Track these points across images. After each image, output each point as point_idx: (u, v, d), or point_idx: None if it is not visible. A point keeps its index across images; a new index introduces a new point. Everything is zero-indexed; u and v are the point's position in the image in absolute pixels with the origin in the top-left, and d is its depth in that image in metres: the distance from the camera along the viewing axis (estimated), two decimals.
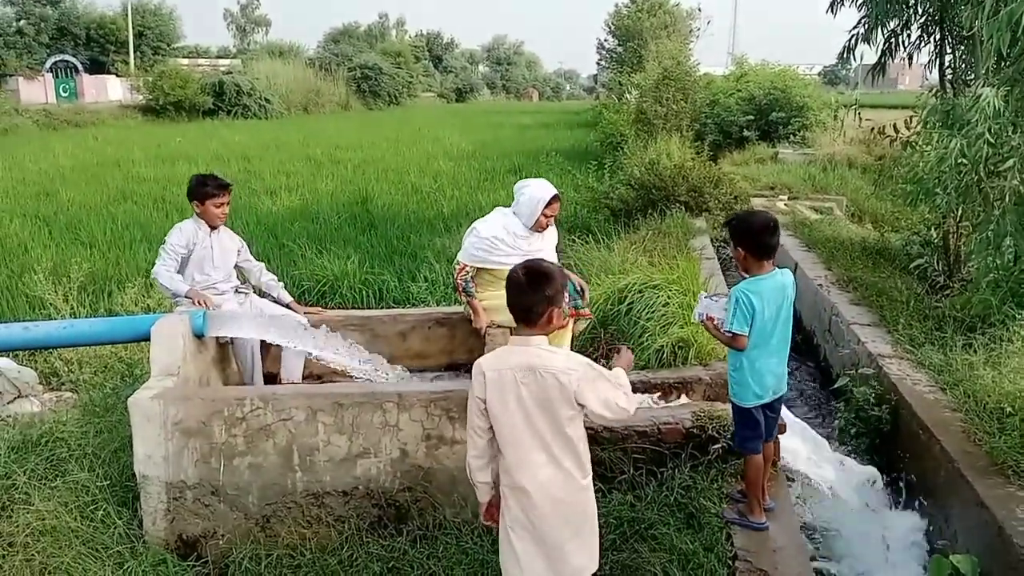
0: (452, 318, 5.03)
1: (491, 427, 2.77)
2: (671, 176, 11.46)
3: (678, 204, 11.04)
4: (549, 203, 4.72)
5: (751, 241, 3.56)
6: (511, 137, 28.10)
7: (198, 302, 4.53)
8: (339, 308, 8.03)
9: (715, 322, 3.67)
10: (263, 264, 5.39)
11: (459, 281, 4.73)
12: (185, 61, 51.68)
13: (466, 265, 4.70)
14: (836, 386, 5.79)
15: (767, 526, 3.67)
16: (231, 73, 44.92)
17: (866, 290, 7.24)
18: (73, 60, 47.03)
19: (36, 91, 42.15)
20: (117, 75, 47.37)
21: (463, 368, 5.04)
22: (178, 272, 4.78)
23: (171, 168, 19.13)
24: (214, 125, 35.88)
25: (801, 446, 4.42)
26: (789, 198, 13.42)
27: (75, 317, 6.84)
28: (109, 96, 45.16)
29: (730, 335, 3.58)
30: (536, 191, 4.75)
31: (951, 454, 4.24)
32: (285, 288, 5.30)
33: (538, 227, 4.77)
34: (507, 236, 4.74)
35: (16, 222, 12.48)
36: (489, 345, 4.54)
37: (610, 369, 2.87)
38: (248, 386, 4.28)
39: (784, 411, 4.70)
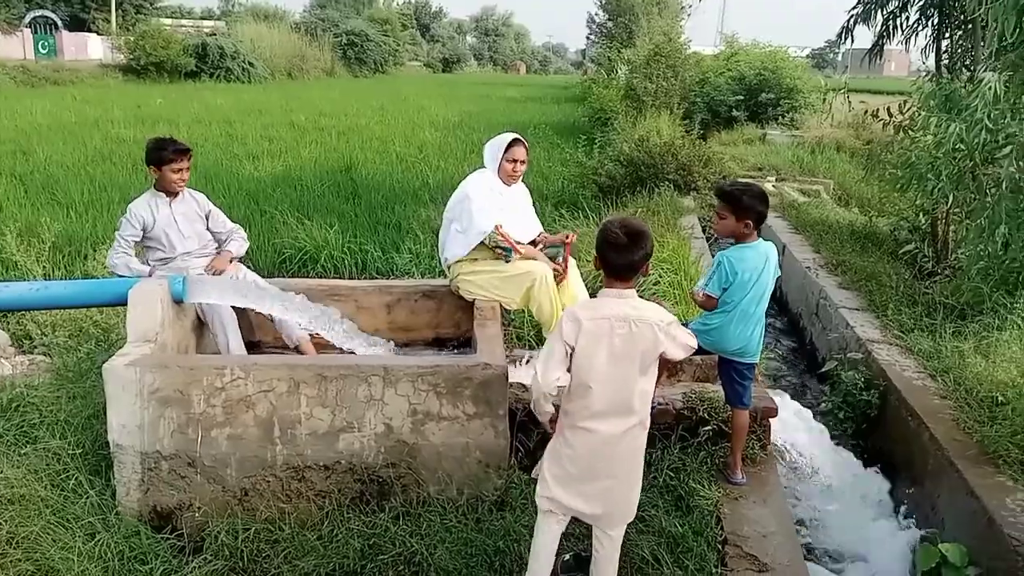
0: (439, 291, 4.91)
1: (568, 371, 2.89)
2: (660, 153, 11.35)
3: (667, 182, 10.94)
4: (510, 146, 4.77)
5: (754, 212, 3.65)
6: (498, 109, 27.82)
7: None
8: (320, 278, 7.92)
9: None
10: (237, 226, 5.17)
11: (501, 238, 4.66)
12: (168, 21, 50.66)
13: (499, 227, 4.63)
14: (824, 370, 5.74)
15: (745, 482, 3.83)
16: (215, 35, 44.12)
17: (855, 274, 7.20)
18: (53, 16, 45.96)
19: (14, 46, 41.14)
20: (98, 33, 46.40)
21: (450, 343, 4.94)
22: (147, 246, 4.64)
23: (151, 129, 18.74)
24: (196, 87, 35.28)
25: (797, 430, 4.37)
26: (777, 180, 13.36)
27: (48, 280, 6.65)
28: (89, 54, 44.21)
29: (704, 297, 3.73)
30: (498, 137, 4.87)
31: (940, 442, 4.20)
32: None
33: (505, 175, 4.83)
34: (488, 191, 4.77)
35: None
36: (478, 320, 4.44)
37: None
38: (228, 355, 4.15)
39: (783, 398, 4.67)
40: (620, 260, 2.88)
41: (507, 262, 4.64)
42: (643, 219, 8.96)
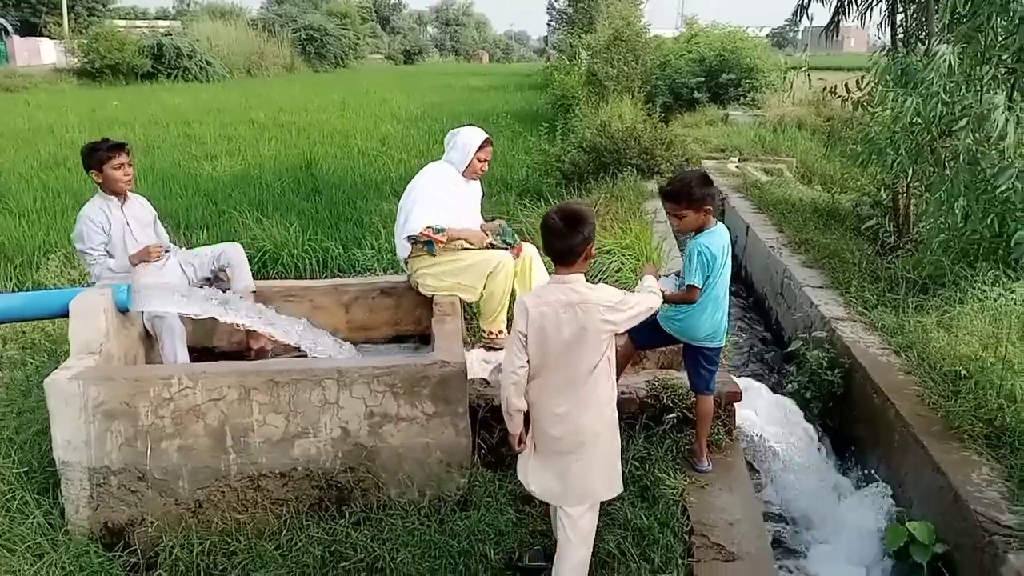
0: (398, 287, 4.81)
1: (528, 360, 2.93)
2: (623, 138, 11.29)
3: (630, 167, 10.88)
4: (482, 146, 4.77)
5: (710, 197, 3.59)
6: (461, 99, 27.64)
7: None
8: (281, 278, 7.77)
9: (667, 292, 3.62)
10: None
11: (424, 234, 4.57)
12: (122, 23, 49.72)
13: (427, 232, 4.54)
14: (789, 350, 5.72)
15: (711, 469, 3.77)
16: (170, 35, 43.35)
17: (818, 252, 7.18)
18: (3, 22, 44.96)
19: None
20: (50, 37, 45.43)
21: (411, 340, 4.85)
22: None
23: (106, 132, 18.26)
24: (153, 88, 34.68)
25: (762, 412, 4.33)
26: (740, 160, 13.37)
27: None
28: (43, 59, 43.32)
29: (684, 290, 3.61)
30: (468, 136, 4.80)
31: (906, 418, 4.18)
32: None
33: (472, 172, 4.81)
34: (449, 186, 4.71)
35: None
36: (437, 317, 4.35)
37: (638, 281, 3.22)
38: (175, 364, 4.01)
39: (747, 380, 4.63)
40: (559, 245, 2.91)
41: (432, 255, 4.59)
42: (606, 205, 8.94)
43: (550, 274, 3.20)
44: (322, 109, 23.83)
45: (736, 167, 12.56)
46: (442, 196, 4.61)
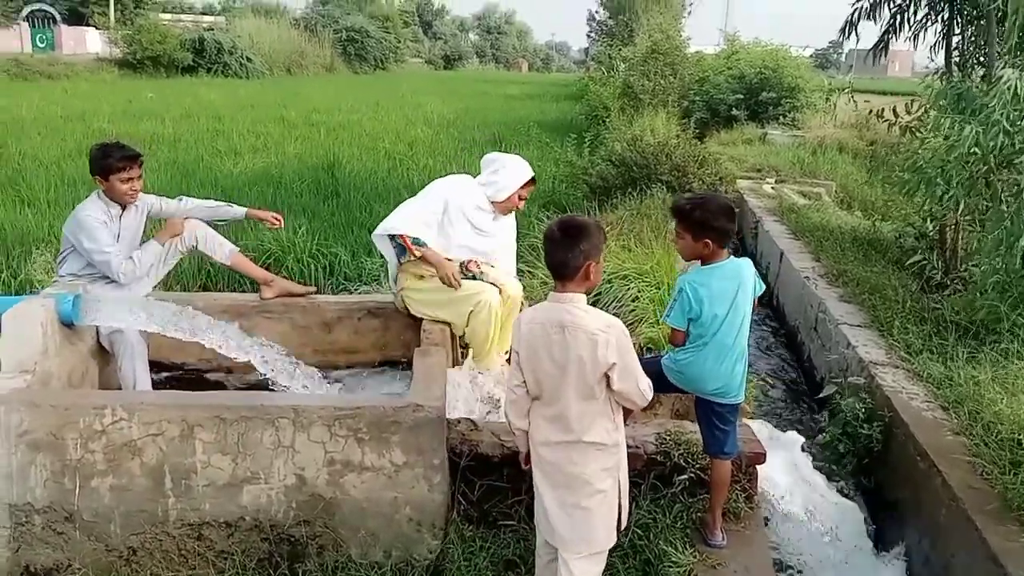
0: (386, 308, 4.36)
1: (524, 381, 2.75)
2: (654, 153, 10.77)
3: (660, 183, 10.36)
4: (526, 184, 4.36)
5: (711, 228, 3.11)
6: (496, 107, 27.25)
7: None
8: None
9: None
10: (182, 198, 4.60)
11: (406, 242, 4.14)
12: (167, 16, 50.27)
13: (406, 237, 4.08)
14: (822, 395, 5.17)
15: (725, 545, 3.26)
16: (212, 30, 43.61)
17: (857, 286, 6.60)
18: (51, 10, 45.50)
19: (11, 40, 40.63)
20: (96, 27, 45.87)
21: (400, 366, 4.38)
22: (72, 256, 4.06)
23: (135, 124, 18.24)
24: (191, 82, 34.74)
25: (789, 472, 3.80)
26: (776, 181, 12.76)
27: None
28: (88, 49, 43.74)
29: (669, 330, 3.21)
30: (516, 168, 4.33)
31: (955, 490, 3.62)
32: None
33: (507, 206, 4.34)
34: (473, 210, 4.22)
35: None
36: (425, 341, 3.89)
37: None
38: (108, 393, 3.55)
39: (770, 432, 4.10)
40: (554, 257, 2.69)
41: (400, 263, 4.19)
42: (631, 223, 8.43)
43: None
44: (354, 110, 23.54)
45: (772, 188, 11.97)
46: (466, 209, 4.18)
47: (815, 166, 14.00)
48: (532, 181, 4.43)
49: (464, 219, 4.24)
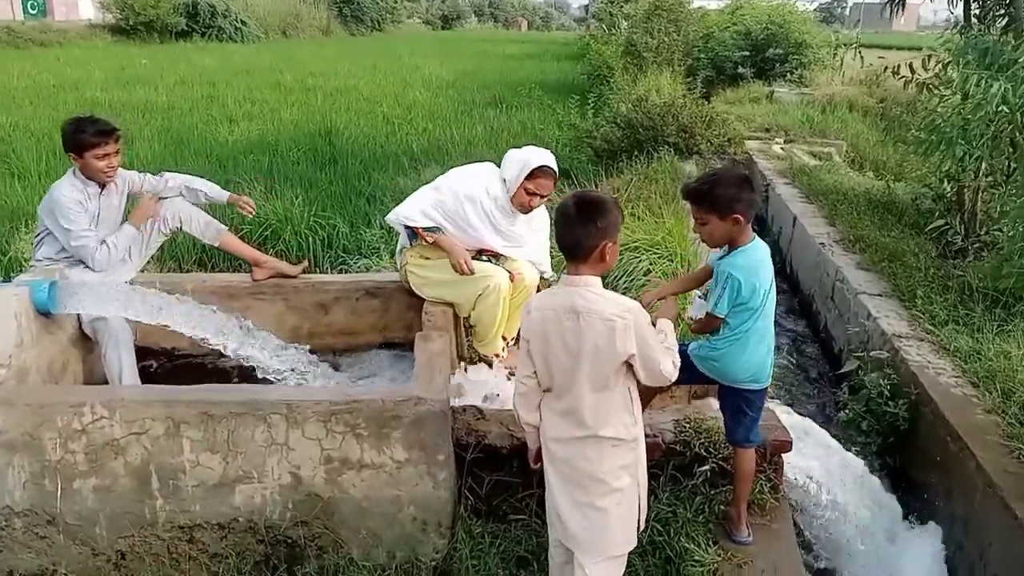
0: (386, 288, 4.12)
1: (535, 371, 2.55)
2: (660, 114, 10.45)
3: (667, 145, 10.06)
4: (534, 174, 3.79)
5: (738, 201, 2.81)
6: (495, 67, 26.74)
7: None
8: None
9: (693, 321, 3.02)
10: (164, 173, 4.29)
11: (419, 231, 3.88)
12: None
13: (421, 230, 3.82)
14: (843, 371, 4.95)
15: (751, 541, 3.05)
16: None
17: (875, 252, 6.36)
18: None
19: (2, 7, 39.88)
20: None
21: (402, 347, 4.16)
22: (46, 240, 3.81)
23: (127, 92, 17.86)
24: (185, 48, 34.13)
25: (814, 456, 3.59)
26: (785, 141, 12.44)
27: None
28: (80, 15, 42.94)
29: (704, 317, 2.96)
30: (520, 157, 3.85)
31: (990, 473, 3.42)
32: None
33: (519, 202, 3.87)
34: (485, 199, 3.85)
35: None
36: (427, 325, 3.67)
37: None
38: (86, 389, 3.31)
39: (794, 419, 3.88)
40: (567, 235, 2.48)
41: (411, 245, 3.93)
42: (639, 188, 8.16)
43: None
44: (351, 74, 23.08)
45: (782, 149, 11.66)
46: (477, 199, 3.86)
47: (825, 125, 13.64)
48: (544, 172, 3.82)
49: (483, 217, 3.89)
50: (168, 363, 4.05)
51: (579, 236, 2.44)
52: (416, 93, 18.27)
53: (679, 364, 2.56)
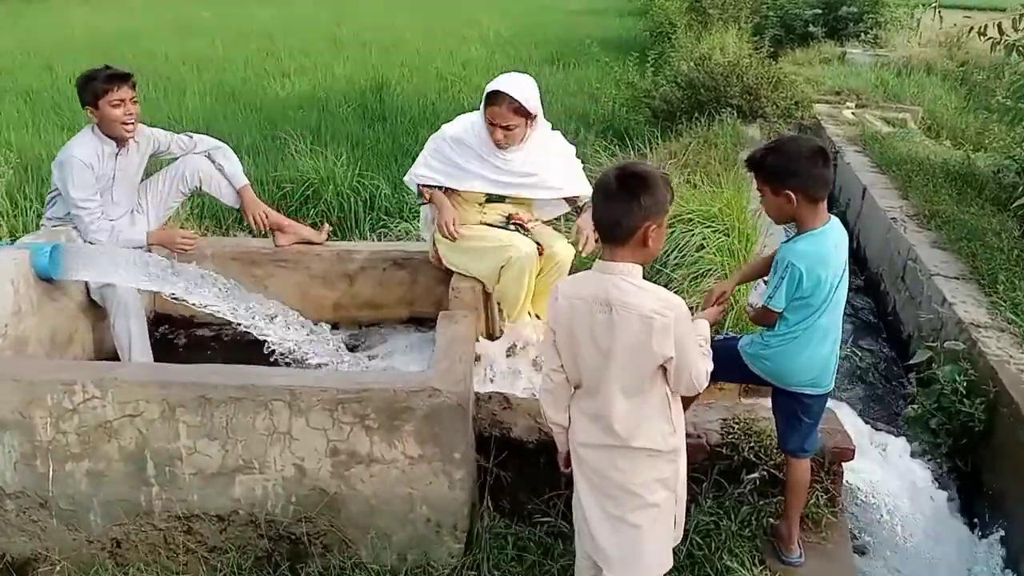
0: (413, 258, 3.86)
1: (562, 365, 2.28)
2: (723, 74, 9.91)
3: (730, 107, 9.54)
4: (489, 102, 3.46)
5: (798, 175, 2.46)
6: (556, 22, 26.04)
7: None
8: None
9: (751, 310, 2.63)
10: (199, 138, 4.02)
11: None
12: None
13: (422, 187, 3.56)
14: (913, 362, 4.54)
15: (802, 562, 2.73)
16: None
17: (952, 229, 5.86)
18: None
19: None
20: None
21: (428, 324, 3.89)
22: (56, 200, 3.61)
23: (181, 43, 17.83)
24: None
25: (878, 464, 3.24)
26: (857, 106, 11.76)
27: None
28: None
29: (759, 309, 2.63)
30: (492, 83, 3.51)
31: None
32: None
33: (493, 138, 3.53)
34: (468, 135, 3.57)
35: (5, 99, 11.46)
36: (454, 302, 3.39)
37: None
38: (78, 366, 3.07)
39: (855, 422, 3.52)
40: (605, 213, 2.18)
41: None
42: (697, 153, 7.72)
43: None
44: (409, 27, 22.67)
45: (852, 114, 11.02)
46: (467, 141, 3.59)
47: (900, 89, 12.87)
48: (496, 99, 3.44)
49: (468, 156, 3.61)
50: (188, 332, 3.85)
51: (618, 215, 2.14)
52: (472, 49, 17.85)
53: (711, 370, 2.25)
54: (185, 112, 10.95)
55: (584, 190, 3.73)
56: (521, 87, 3.47)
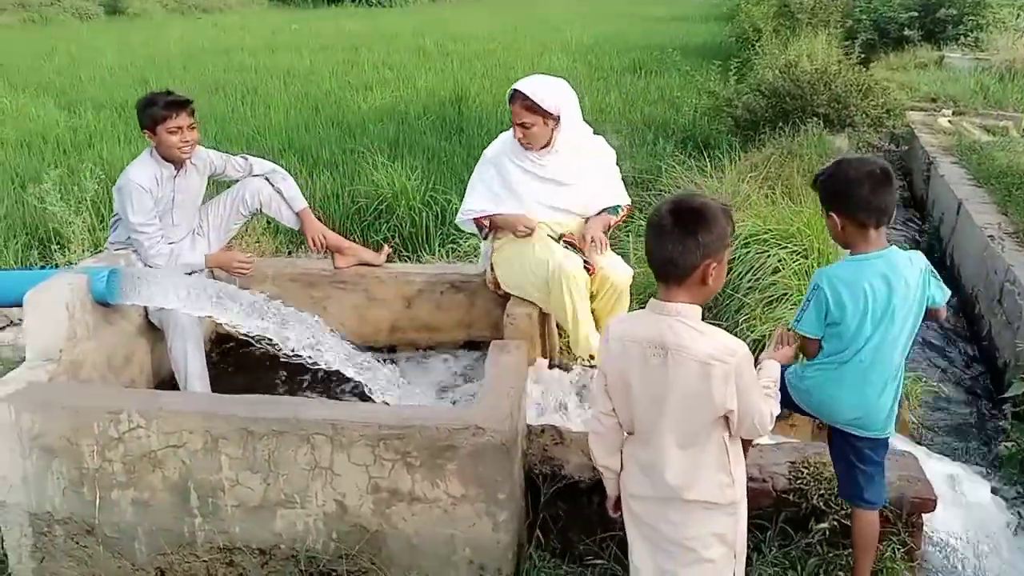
0: (471, 281, 3.77)
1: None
2: (810, 82, 9.52)
3: (816, 117, 9.17)
4: (511, 102, 3.49)
5: (846, 200, 2.32)
6: (639, 30, 25.76)
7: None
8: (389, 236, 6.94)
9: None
10: (256, 161, 3.98)
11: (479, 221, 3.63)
12: None
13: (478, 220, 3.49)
14: (1009, 394, 4.21)
15: None
16: None
17: None
18: None
19: None
20: None
21: (484, 347, 3.79)
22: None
23: (273, 57, 18.31)
24: (335, 12, 34.89)
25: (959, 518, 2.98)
26: (954, 113, 11.18)
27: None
28: None
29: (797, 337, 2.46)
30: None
31: None
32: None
33: (515, 135, 3.53)
34: (509, 148, 3.58)
35: (101, 113, 11.94)
36: (508, 329, 3.28)
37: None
38: (125, 394, 3.03)
39: (940, 462, 3.27)
40: (660, 252, 2.04)
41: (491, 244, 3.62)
42: (780, 165, 7.43)
43: None
44: (492, 38, 22.76)
45: (949, 122, 10.47)
46: (505, 154, 3.58)
47: (1002, 95, 12.19)
48: (514, 97, 3.46)
49: (504, 160, 3.61)
50: (247, 351, 3.83)
51: (673, 254, 2.01)
52: (553, 58, 17.76)
53: (777, 413, 2.09)
54: (268, 125, 11.19)
55: (622, 199, 3.75)
56: (537, 86, 3.47)
